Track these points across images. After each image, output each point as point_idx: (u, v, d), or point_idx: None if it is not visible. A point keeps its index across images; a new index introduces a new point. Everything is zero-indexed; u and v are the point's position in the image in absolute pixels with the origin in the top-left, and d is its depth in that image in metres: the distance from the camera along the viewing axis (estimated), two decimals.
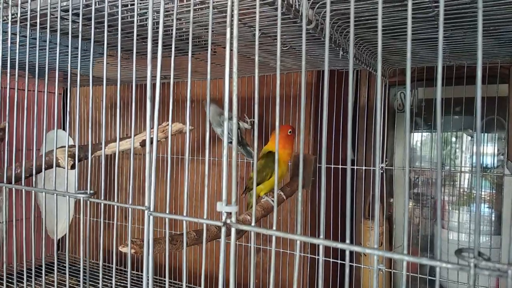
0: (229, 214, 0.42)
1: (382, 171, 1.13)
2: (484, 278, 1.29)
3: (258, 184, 1.02)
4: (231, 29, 0.41)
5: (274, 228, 0.39)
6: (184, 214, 0.44)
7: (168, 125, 1.20)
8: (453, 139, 1.57)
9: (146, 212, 0.45)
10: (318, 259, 1.23)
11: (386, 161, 1.12)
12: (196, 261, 1.41)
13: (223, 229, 0.42)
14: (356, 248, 0.36)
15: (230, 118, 0.41)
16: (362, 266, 1.34)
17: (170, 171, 0.45)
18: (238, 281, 1.29)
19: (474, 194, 1.46)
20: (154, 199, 0.45)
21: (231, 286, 0.42)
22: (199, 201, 1.41)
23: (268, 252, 1.27)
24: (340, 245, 0.36)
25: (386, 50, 0.94)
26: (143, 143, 1.13)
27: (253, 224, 0.41)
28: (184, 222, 0.44)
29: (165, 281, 1.38)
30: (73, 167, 1.08)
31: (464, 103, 1.15)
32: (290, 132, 0.98)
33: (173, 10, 0.72)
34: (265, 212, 0.98)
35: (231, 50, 0.41)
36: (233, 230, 0.41)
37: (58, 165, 1.08)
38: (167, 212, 0.44)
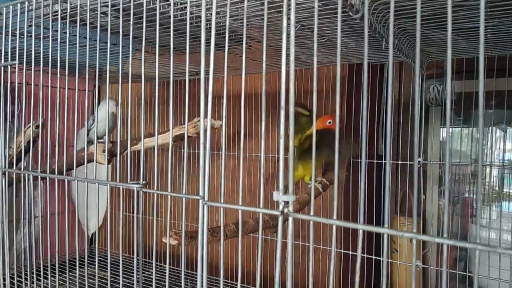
0: (286, 203, 0.41)
1: (419, 166, 1.10)
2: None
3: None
4: (288, 16, 0.41)
5: (335, 217, 0.39)
6: (240, 203, 0.44)
7: (199, 120, 1.21)
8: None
9: (200, 201, 0.45)
10: (351, 254, 1.22)
11: (422, 156, 1.10)
12: (227, 255, 1.41)
13: (280, 218, 0.42)
14: (393, 232, 0.36)
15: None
16: (398, 262, 1.32)
17: (225, 162, 0.45)
18: (269, 276, 1.29)
19: (505, 191, 1.42)
20: (208, 189, 0.45)
21: (288, 281, 0.42)
22: (235, 194, 1.40)
23: (300, 247, 1.27)
24: (381, 230, 0.36)
25: (425, 41, 0.91)
26: (175, 139, 1.13)
27: (311, 213, 0.40)
28: (240, 212, 0.44)
29: (209, 277, 1.38)
30: (109, 161, 1.10)
31: (495, 96, 1.10)
32: (329, 122, 1.00)
33: (211, 5, 0.72)
34: (301, 206, 0.97)
35: (287, 38, 0.41)
36: (290, 220, 0.41)
37: (93, 161, 1.10)
38: (222, 201, 0.45)
